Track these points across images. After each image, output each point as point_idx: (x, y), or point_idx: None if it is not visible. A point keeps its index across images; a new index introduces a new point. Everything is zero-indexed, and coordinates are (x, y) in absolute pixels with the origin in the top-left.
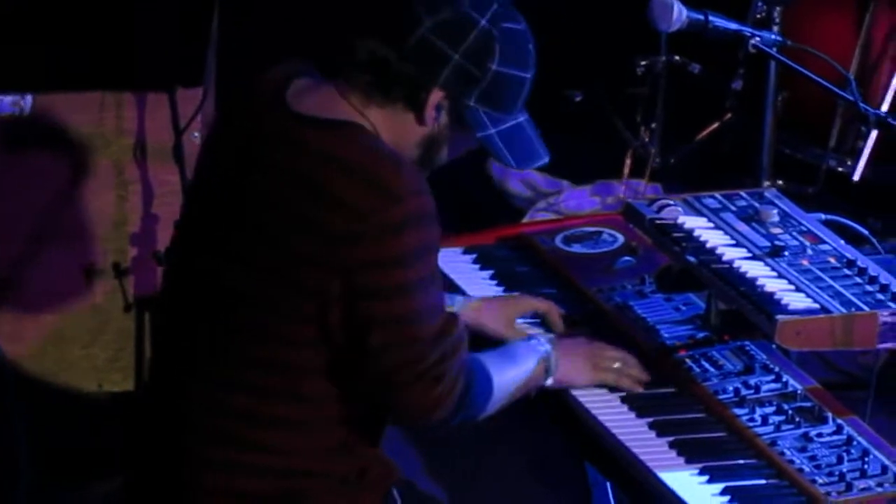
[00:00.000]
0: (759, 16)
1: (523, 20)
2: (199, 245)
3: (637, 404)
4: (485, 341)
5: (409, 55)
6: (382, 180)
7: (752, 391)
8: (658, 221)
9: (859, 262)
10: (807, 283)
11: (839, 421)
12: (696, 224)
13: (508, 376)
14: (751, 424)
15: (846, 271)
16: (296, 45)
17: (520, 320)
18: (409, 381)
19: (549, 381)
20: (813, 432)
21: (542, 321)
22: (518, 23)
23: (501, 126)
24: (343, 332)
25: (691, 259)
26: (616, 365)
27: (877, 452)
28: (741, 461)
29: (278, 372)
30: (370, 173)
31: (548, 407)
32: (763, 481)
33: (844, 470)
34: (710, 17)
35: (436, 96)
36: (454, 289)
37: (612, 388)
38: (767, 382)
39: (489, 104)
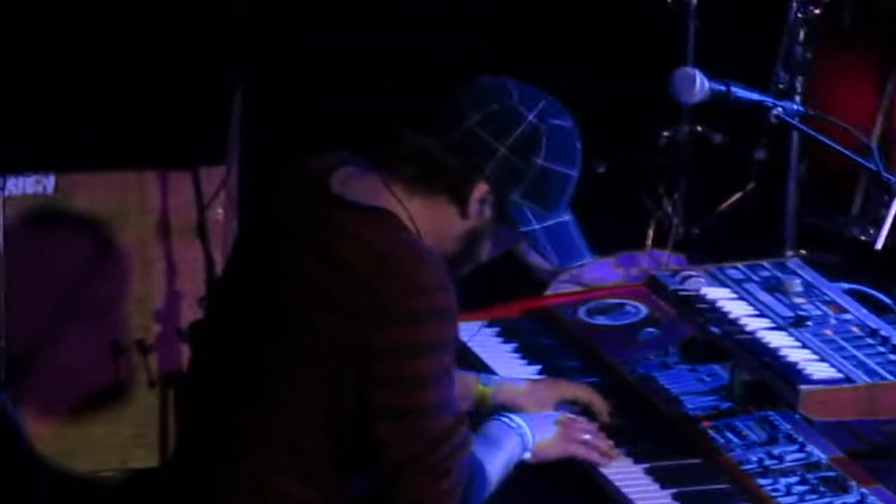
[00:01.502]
0: (781, 85)
1: (571, 119)
2: (227, 320)
3: (661, 475)
4: None
5: (454, 147)
6: (409, 270)
7: (775, 461)
8: (681, 292)
9: (882, 332)
10: (830, 352)
11: (863, 490)
12: (720, 295)
13: (498, 463)
14: (775, 495)
15: (869, 340)
16: (319, 121)
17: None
18: (417, 475)
19: (528, 456)
20: (837, 502)
21: (584, 410)
22: (566, 120)
23: (546, 223)
24: (353, 422)
25: (715, 330)
26: (586, 437)
27: None
28: None
29: (290, 451)
30: (397, 261)
31: (571, 479)
32: None
33: None
34: (732, 88)
35: (480, 189)
36: (478, 363)
37: (636, 461)
38: (791, 452)
39: (534, 200)
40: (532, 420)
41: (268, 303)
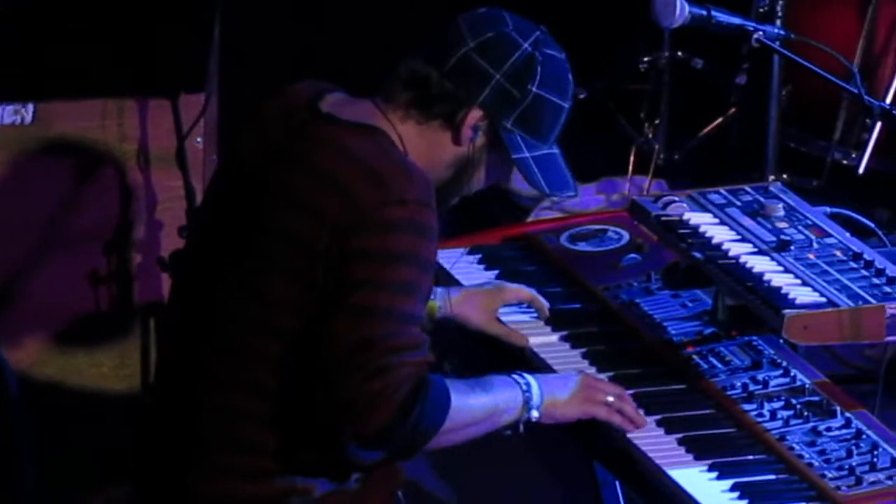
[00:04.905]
0: (762, 10)
1: (563, 52)
2: (207, 243)
3: (645, 402)
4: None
5: (450, 73)
6: (392, 182)
7: (760, 386)
8: (664, 218)
9: (866, 255)
10: (813, 277)
11: (848, 415)
12: (702, 220)
13: (476, 404)
14: (759, 420)
15: (853, 264)
16: (299, 50)
17: (505, 310)
18: (352, 369)
19: (536, 415)
20: (822, 426)
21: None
22: (559, 52)
23: (536, 153)
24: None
25: (697, 255)
26: (609, 399)
27: (886, 446)
28: (750, 457)
29: (276, 371)
30: (381, 173)
31: None
32: (773, 476)
33: (854, 464)
34: (713, 12)
35: (474, 116)
36: None
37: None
38: (776, 377)
39: (526, 128)
40: (546, 379)
41: (249, 222)
